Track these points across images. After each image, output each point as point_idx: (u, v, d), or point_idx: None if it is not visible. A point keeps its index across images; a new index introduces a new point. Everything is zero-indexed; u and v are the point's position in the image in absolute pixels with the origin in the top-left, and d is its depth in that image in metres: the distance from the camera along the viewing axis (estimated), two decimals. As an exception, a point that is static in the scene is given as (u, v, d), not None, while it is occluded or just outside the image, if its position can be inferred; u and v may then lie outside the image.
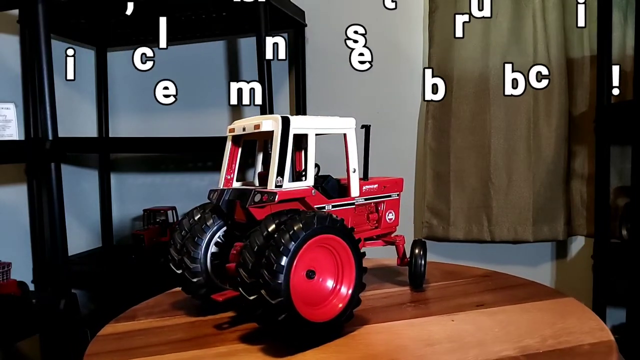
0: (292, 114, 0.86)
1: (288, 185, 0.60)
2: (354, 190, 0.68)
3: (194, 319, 0.69)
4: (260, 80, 1.28)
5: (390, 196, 0.75)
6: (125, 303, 0.77)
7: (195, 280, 0.65)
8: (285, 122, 0.60)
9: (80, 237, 1.71)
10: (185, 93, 1.75)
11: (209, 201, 0.68)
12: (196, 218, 0.68)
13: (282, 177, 0.60)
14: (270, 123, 0.61)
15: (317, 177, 0.67)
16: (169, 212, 1.65)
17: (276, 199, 0.58)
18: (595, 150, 1.29)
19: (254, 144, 0.71)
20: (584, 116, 1.37)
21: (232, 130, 0.67)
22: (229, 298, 0.61)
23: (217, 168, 0.68)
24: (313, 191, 0.62)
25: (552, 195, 1.37)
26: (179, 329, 0.66)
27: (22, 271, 1.46)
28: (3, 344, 1.21)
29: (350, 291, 0.59)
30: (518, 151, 1.37)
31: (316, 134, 0.63)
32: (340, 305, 0.59)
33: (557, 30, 1.33)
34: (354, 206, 0.69)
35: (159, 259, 1.47)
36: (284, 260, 0.52)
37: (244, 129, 0.65)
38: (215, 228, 0.66)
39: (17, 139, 1.11)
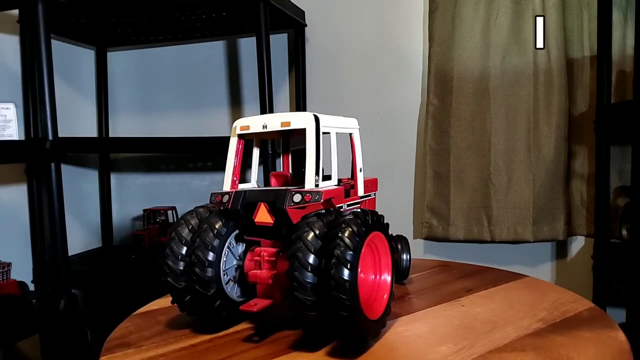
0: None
1: (322, 184, 0.58)
2: (360, 190, 0.67)
3: (209, 337, 0.60)
4: (260, 80, 1.28)
5: (369, 195, 0.76)
6: (125, 303, 0.76)
7: (210, 292, 0.57)
8: (317, 120, 0.59)
9: (80, 237, 1.71)
10: (185, 93, 1.76)
11: (203, 205, 0.63)
12: (193, 223, 0.60)
13: (318, 176, 0.57)
14: (302, 121, 0.58)
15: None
16: (169, 212, 1.66)
17: (322, 199, 0.55)
18: (595, 150, 1.30)
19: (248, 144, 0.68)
20: (584, 116, 1.37)
21: (247, 127, 0.61)
22: (263, 307, 0.56)
23: (217, 168, 0.65)
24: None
25: (552, 195, 1.37)
26: (204, 351, 0.56)
27: (22, 271, 1.46)
28: (3, 344, 1.21)
29: (390, 285, 0.58)
30: (518, 151, 1.37)
31: (336, 133, 0.63)
32: (385, 296, 0.58)
33: (557, 30, 1.34)
34: (359, 205, 0.69)
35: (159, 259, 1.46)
36: (351, 257, 0.50)
37: (264, 126, 0.60)
38: (225, 233, 0.59)
39: (17, 139, 1.11)
